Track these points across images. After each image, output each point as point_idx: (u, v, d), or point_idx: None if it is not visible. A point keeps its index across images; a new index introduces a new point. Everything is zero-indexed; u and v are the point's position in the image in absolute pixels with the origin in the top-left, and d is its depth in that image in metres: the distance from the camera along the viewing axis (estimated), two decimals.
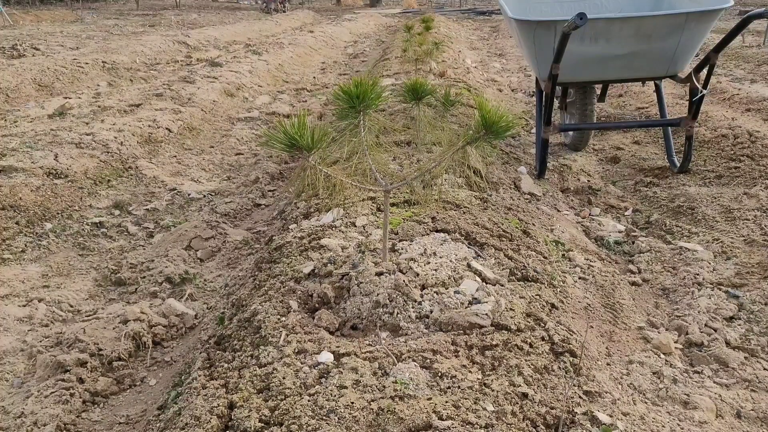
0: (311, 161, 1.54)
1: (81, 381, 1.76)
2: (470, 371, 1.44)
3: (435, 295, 1.68)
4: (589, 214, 3.05)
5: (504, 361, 1.46)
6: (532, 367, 1.45)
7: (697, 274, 2.33)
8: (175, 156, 3.99)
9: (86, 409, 1.70)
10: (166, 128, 4.28)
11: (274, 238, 2.42)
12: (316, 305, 1.72)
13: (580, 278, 2.28)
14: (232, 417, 1.30)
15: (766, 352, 1.88)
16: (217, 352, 1.64)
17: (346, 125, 1.60)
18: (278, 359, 1.45)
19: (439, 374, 1.40)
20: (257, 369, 1.43)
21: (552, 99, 3.25)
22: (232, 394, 1.38)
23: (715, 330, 1.98)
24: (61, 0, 16.91)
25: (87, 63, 6.40)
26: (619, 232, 2.81)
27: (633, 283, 2.36)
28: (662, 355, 1.86)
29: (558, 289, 2.05)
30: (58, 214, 2.99)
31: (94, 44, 8.38)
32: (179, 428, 1.33)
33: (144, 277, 2.40)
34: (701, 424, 1.56)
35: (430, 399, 1.31)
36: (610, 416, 1.34)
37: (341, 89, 1.58)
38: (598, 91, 4.03)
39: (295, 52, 8.23)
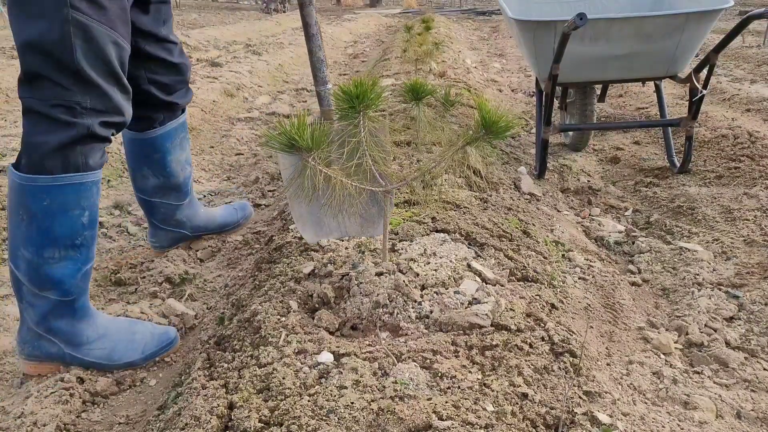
0: (311, 161, 1.54)
1: (81, 381, 1.76)
2: (470, 371, 1.44)
3: (435, 295, 1.69)
4: (589, 215, 3.05)
5: (504, 361, 1.46)
6: (532, 367, 1.45)
7: (697, 275, 2.33)
8: None
9: (86, 409, 1.70)
10: None
11: (274, 238, 2.42)
12: (316, 305, 1.72)
13: (580, 278, 2.28)
14: (232, 417, 1.30)
15: (766, 353, 1.88)
16: (217, 352, 1.64)
17: (345, 125, 1.60)
18: (278, 359, 1.45)
19: (439, 374, 1.40)
20: (257, 369, 1.43)
21: (552, 99, 3.25)
22: (232, 394, 1.38)
23: (715, 330, 1.98)
24: None
25: None
26: (619, 232, 2.81)
27: (633, 284, 2.36)
28: (662, 356, 1.86)
29: (558, 290, 2.05)
30: None
31: None
32: (179, 428, 1.33)
33: (144, 277, 2.40)
34: (701, 424, 1.56)
35: (430, 399, 1.31)
36: (610, 416, 1.34)
37: (341, 89, 1.58)
38: (598, 92, 4.03)
39: (295, 52, 8.22)
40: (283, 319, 1.62)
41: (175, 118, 2.32)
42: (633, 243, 2.68)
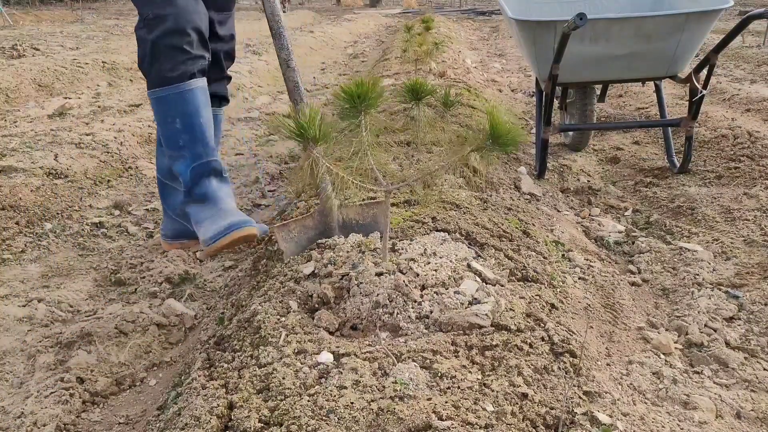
0: (315, 153, 1.54)
1: (81, 381, 1.76)
2: (470, 371, 1.44)
3: (435, 295, 1.68)
4: (589, 215, 3.05)
5: (504, 361, 1.46)
6: (532, 367, 1.45)
7: (697, 275, 2.33)
8: None
9: (86, 409, 1.70)
10: None
11: (273, 237, 2.42)
12: (316, 305, 1.72)
13: (580, 278, 2.28)
14: (232, 417, 1.30)
15: (766, 353, 1.88)
16: (217, 352, 1.64)
17: (347, 125, 1.60)
18: (278, 359, 1.45)
19: (439, 374, 1.40)
20: (257, 369, 1.43)
21: (552, 99, 3.25)
22: (232, 394, 1.38)
23: (715, 330, 1.98)
24: (61, 0, 16.90)
25: (87, 63, 6.40)
26: (619, 232, 2.81)
27: (633, 284, 2.36)
28: (662, 356, 1.86)
29: (558, 290, 2.05)
30: (58, 214, 2.99)
31: (94, 44, 8.38)
32: (179, 428, 1.33)
33: (144, 277, 2.40)
34: (701, 424, 1.56)
35: (429, 399, 1.31)
36: (610, 416, 1.34)
37: (342, 89, 1.58)
38: (598, 92, 4.03)
39: (294, 53, 8.20)
40: (283, 319, 1.62)
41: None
42: (633, 243, 2.68)
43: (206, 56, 2.17)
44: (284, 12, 16.41)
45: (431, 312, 1.63)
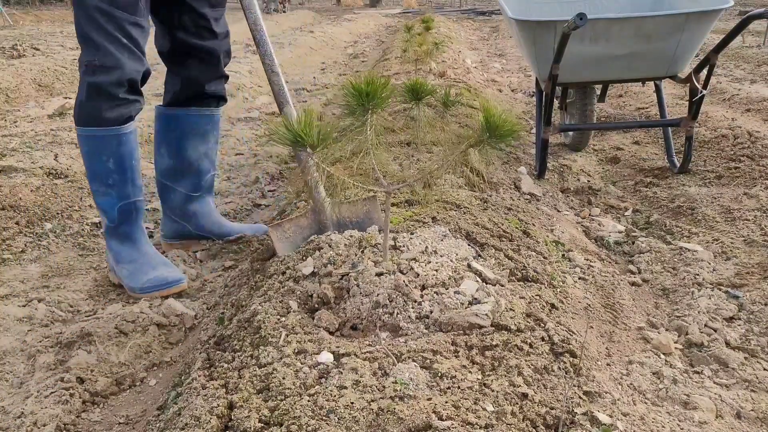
0: (315, 159, 1.54)
1: (81, 381, 1.76)
2: (470, 371, 1.44)
3: (435, 295, 1.68)
4: (589, 215, 3.05)
5: (504, 361, 1.46)
6: (532, 367, 1.45)
7: (697, 275, 2.33)
8: None
9: (86, 409, 1.70)
10: None
11: None
12: (316, 305, 1.72)
13: (580, 278, 2.28)
14: (232, 417, 1.30)
15: (766, 353, 1.88)
16: (217, 352, 1.64)
17: (349, 124, 1.59)
18: (278, 359, 1.45)
19: (439, 374, 1.40)
20: (257, 369, 1.43)
21: (552, 99, 3.24)
22: (232, 394, 1.38)
23: (715, 330, 1.98)
24: (61, 0, 16.90)
25: None
26: (619, 232, 2.81)
27: (633, 284, 2.36)
28: (662, 356, 1.86)
29: (558, 290, 2.05)
30: (58, 214, 2.99)
31: None
32: (179, 428, 1.33)
33: None
34: (701, 424, 1.56)
35: (430, 399, 1.31)
36: (610, 416, 1.34)
37: (352, 86, 1.56)
38: (598, 92, 4.03)
39: (294, 53, 8.23)
40: (283, 319, 1.62)
41: (203, 106, 2.50)
42: (633, 243, 2.68)
43: (141, 100, 2.22)
44: (284, 12, 16.43)
45: (431, 312, 1.63)
